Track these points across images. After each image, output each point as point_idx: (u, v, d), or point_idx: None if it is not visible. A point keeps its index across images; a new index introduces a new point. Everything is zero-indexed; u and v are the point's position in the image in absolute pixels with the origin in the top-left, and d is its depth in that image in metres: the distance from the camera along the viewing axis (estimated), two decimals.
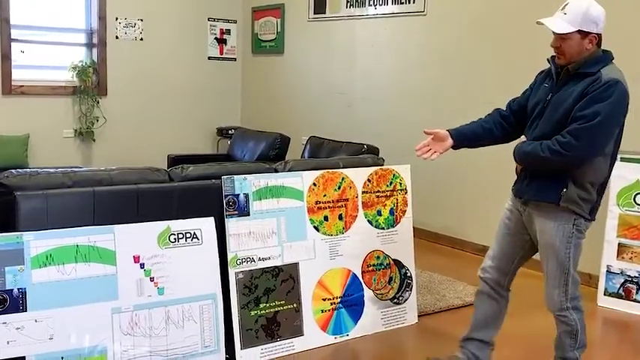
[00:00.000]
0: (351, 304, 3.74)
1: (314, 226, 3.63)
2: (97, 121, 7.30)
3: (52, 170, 3.15)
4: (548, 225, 2.84)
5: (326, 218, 3.67)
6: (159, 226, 3.10)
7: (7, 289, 2.71)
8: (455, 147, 3.04)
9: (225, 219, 3.35)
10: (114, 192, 3.13)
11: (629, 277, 4.38)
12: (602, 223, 4.45)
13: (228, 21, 8.18)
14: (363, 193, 3.81)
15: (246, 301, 3.38)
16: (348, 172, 3.78)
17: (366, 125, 6.49)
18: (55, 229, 2.87)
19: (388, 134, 6.12)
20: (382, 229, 3.88)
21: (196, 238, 3.18)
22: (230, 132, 7.56)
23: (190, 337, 3.12)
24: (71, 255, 2.86)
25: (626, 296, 4.38)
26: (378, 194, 3.86)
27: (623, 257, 4.41)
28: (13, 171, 3.02)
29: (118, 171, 3.24)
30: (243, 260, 3.39)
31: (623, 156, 4.51)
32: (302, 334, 3.55)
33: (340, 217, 3.73)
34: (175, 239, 3.13)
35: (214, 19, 8.09)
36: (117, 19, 7.40)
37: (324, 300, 3.65)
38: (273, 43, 7.80)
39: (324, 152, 5.18)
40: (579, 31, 2.71)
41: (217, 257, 3.23)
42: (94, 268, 2.90)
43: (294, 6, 7.44)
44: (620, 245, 4.42)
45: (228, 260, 3.34)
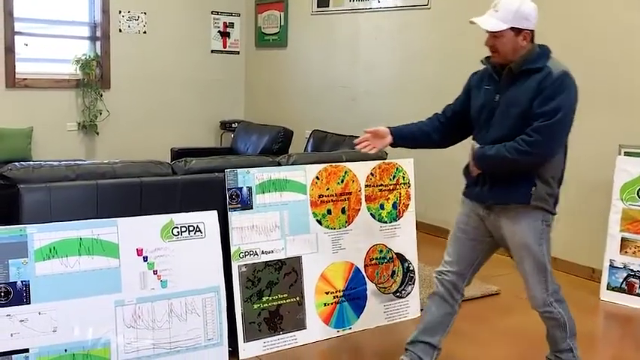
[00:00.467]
0: (353, 297, 3.74)
1: (317, 220, 3.63)
2: (100, 114, 7.31)
3: (55, 163, 3.15)
4: (519, 226, 2.82)
5: (329, 212, 3.67)
6: (162, 219, 3.11)
7: (11, 281, 2.72)
8: (393, 145, 3.09)
9: (229, 212, 3.35)
10: (117, 185, 3.14)
11: (632, 271, 4.37)
12: (606, 218, 4.45)
13: (231, 14, 8.17)
14: (366, 186, 3.81)
15: (249, 294, 3.39)
16: (352, 166, 3.78)
17: (369, 119, 6.47)
18: (58, 221, 2.88)
19: None
20: (385, 222, 3.88)
21: (199, 231, 3.19)
22: (233, 125, 7.57)
23: (193, 330, 3.13)
24: (74, 248, 2.87)
25: (629, 290, 4.37)
26: (381, 188, 3.86)
27: (626, 251, 4.40)
28: (16, 164, 3.04)
29: (122, 164, 3.25)
30: (246, 253, 3.39)
31: (626, 150, 4.50)
32: (305, 328, 3.56)
33: (343, 211, 3.73)
34: (178, 232, 3.13)
35: (218, 13, 8.08)
36: (120, 12, 7.39)
37: (327, 293, 3.65)
38: (276, 37, 7.79)
39: (327, 146, 5.18)
40: (512, 28, 2.69)
41: (220, 250, 3.24)
42: (98, 261, 2.91)
43: None
44: (623, 240, 4.42)
45: (232, 253, 3.34)
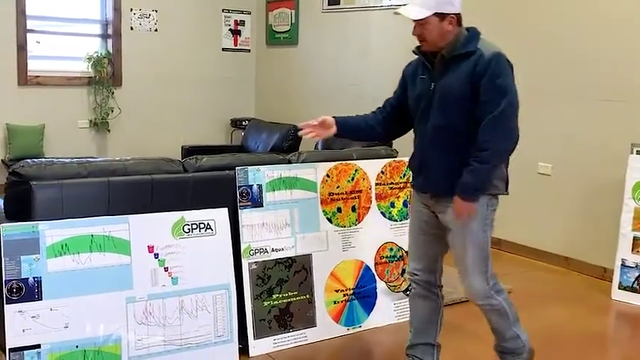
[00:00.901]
0: (363, 295, 3.74)
1: (327, 218, 3.63)
2: (111, 111, 7.33)
3: (67, 160, 3.17)
4: None
5: (339, 210, 3.67)
6: (173, 216, 3.12)
7: (23, 277, 2.74)
8: (337, 135, 3.10)
9: (239, 210, 3.36)
10: (128, 182, 3.15)
11: None
12: (617, 217, 4.42)
13: (242, 12, 8.18)
14: (377, 184, 3.81)
15: (259, 291, 3.40)
16: (362, 164, 3.77)
17: None
18: (70, 218, 2.89)
19: None
20: (395, 221, 3.87)
21: (210, 228, 3.19)
22: (244, 123, 7.58)
23: (204, 327, 3.14)
24: (86, 244, 2.88)
25: None
26: (391, 186, 3.86)
27: (638, 251, 4.37)
28: (28, 161, 3.04)
29: (133, 161, 3.26)
30: (257, 251, 3.40)
31: (639, 149, 4.48)
32: (314, 325, 3.56)
33: (353, 209, 3.73)
34: (189, 229, 3.14)
35: (229, 11, 8.08)
36: (132, 10, 7.41)
37: (337, 291, 3.65)
38: (287, 35, 7.79)
39: (338, 144, 5.17)
40: (436, 14, 2.67)
41: (231, 248, 3.24)
42: (109, 258, 2.93)
43: None
44: (635, 239, 4.39)
45: (242, 251, 3.35)
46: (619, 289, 4.42)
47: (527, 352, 2.98)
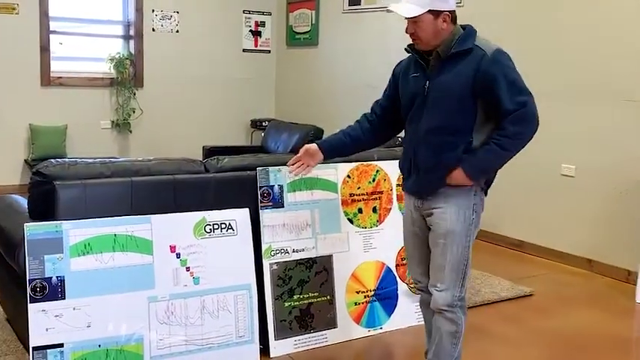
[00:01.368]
0: (384, 297, 3.73)
1: (348, 219, 3.62)
2: (133, 112, 7.39)
3: (90, 160, 3.19)
4: (449, 210, 2.67)
5: (360, 211, 3.66)
6: (195, 216, 3.13)
7: (47, 276, 2.76)
8: (325, 159, 3.06)
9: (260, 210, 3.36)
10: (151, 182, 3.16)
11: None
12: None
13: (262, 13, 8.20)
14: (398, 185, 3.79)
15: (280, 292, 3.40)
16: (383, 165, 3.76)
17: None
18: (93, 218, 2.91)
19: None
20: None
21: (231, 228, 3.20)
22: (264, 124, 7.60)
23: (225, 327, 3.14)
24: (109, 244, 2.90)
25: None
26: None
27: None
28: (52, 160, 3.07)
29: (155, 162, 3.27)
30: (278, 252, 3.40)
31: None
32: (335, 327, 3.55)
33: (374, 210, 3.71)
34: (211, 230, 3.15)
35: (249, 12, 8.11)
36: (153, 11, 7.47)
37: (358, 293, 3.64)
38: (307, 35, 7.80)
39: None
40: (430, 12, 2.60)
41: (252, 248, 3.25)
42: (132, 257, 2.94)
43: None
44: None
45: (263, 251, 3.35)
46: None
47: None
